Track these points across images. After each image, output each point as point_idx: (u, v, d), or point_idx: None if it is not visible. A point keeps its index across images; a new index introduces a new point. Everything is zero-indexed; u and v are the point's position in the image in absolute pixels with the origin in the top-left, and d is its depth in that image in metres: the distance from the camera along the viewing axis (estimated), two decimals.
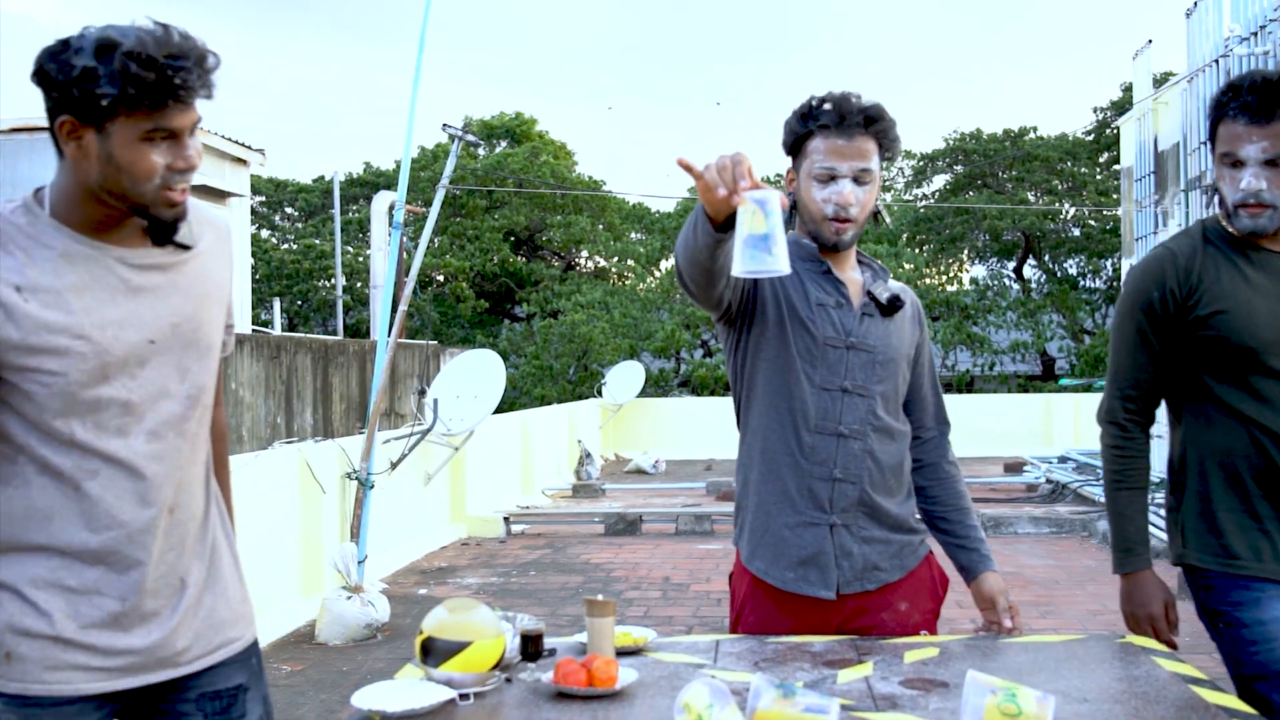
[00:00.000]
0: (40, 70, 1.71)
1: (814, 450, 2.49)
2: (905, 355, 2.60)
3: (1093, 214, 27.30)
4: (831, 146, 2.45)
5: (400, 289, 7.97)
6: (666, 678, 2.25)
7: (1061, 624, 6.59)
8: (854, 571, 2.51)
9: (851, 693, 2.13)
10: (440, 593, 7.85)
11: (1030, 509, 11.00)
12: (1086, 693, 2.11)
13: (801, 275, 2.52)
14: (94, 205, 1.78)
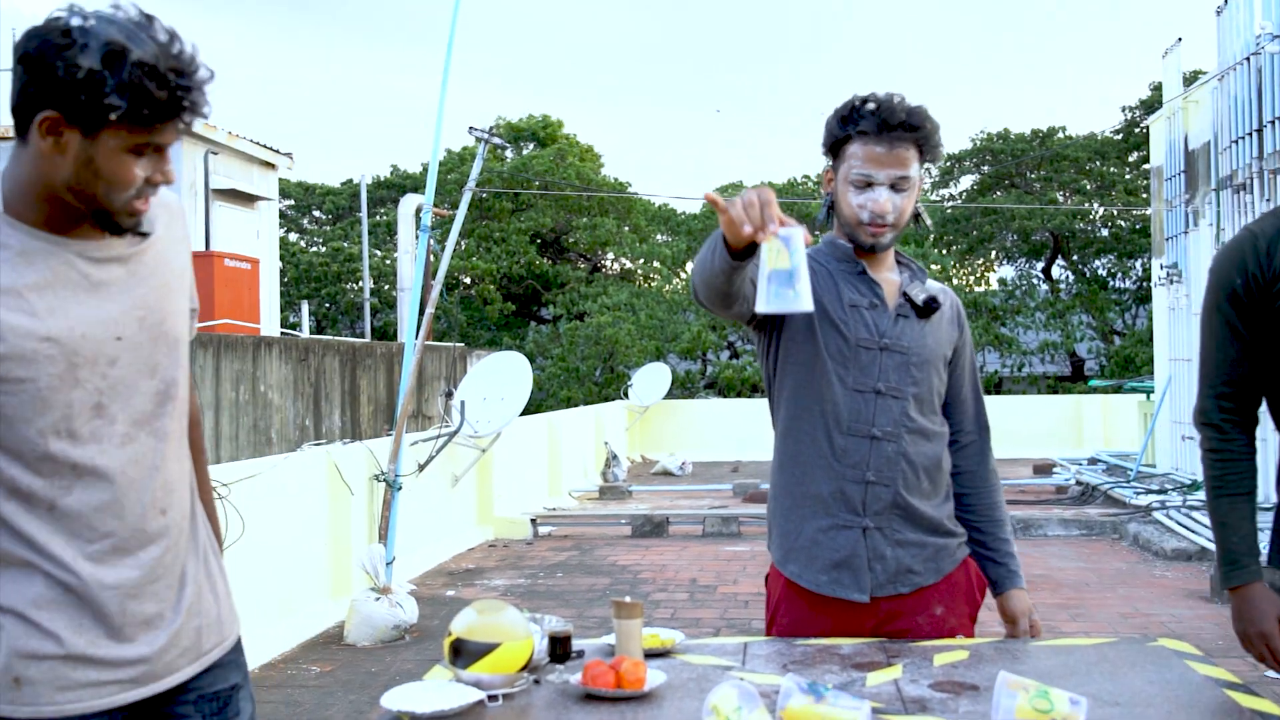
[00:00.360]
0: (35, 59, 1.57)
1: (846, 453, 2.48)
2: (942, 357, 2.58)
3: (1122, 214, 27.13)
4: (870, 154, 2.43)
5: (427, 291, 8.00)
6: (695, 680, 2.24)
7: (1092, 627, 6.54)
8: (887, 575, 2.50)
9: (881, 695, 2.12)
10: (468, 594, 7.87)
11: (1060, 511, 10.93)
12: (1118, 696, 2.10)
13: (836, 276, 2.52)
14: (52, 202, 1.66)
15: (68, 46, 1.55)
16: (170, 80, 1.59)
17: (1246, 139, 10.37)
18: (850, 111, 2.46)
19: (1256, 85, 10.12)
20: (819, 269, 2.52)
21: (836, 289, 2.51)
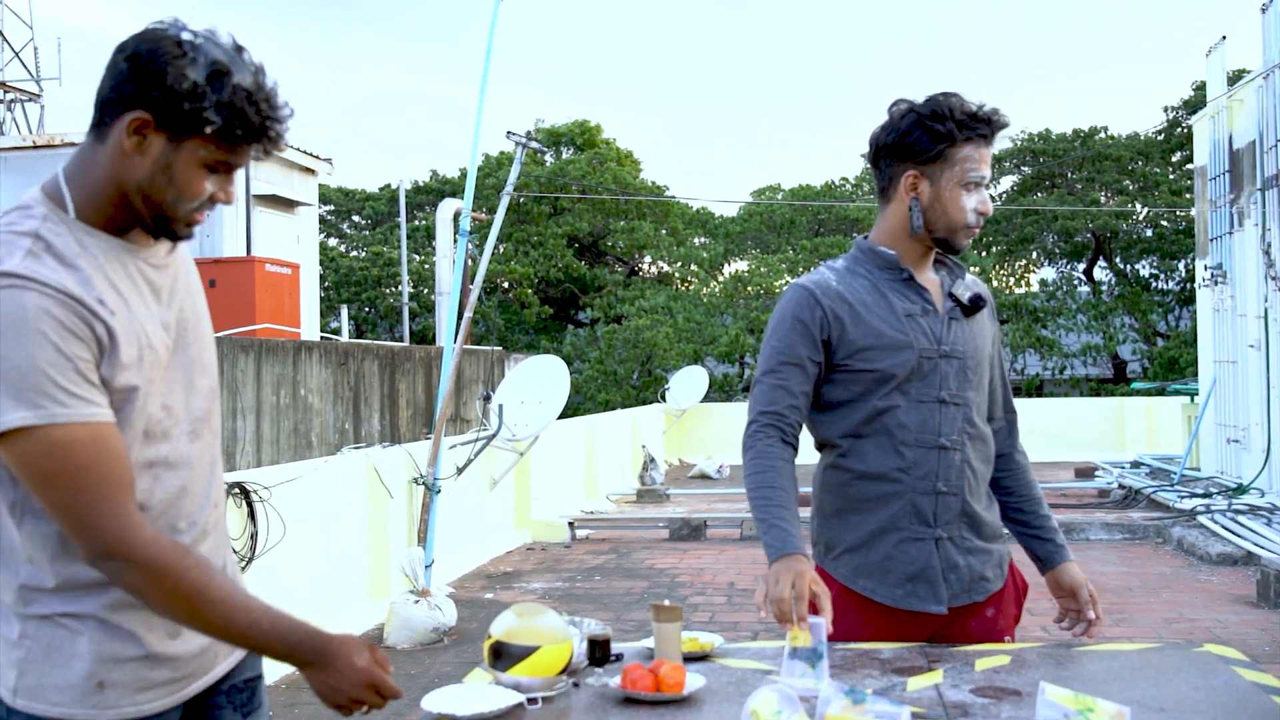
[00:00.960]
0: (144, 60, 1.61)
1: (916, 465, 2.45)
2: (990, 354, 2.58)
3: (1165, 214, 26.86)
4: (983, 156, 2.45)
5: (465, 295, 8.04)
6: (734, 684, 2.24)
7: (1136, 632, 6.48)
8: (961, 584, 2.49)
9: (922, 700, 2.11)
10: (506, 597, 7.90)
11: (1102, 515, 10.83)
12: (1163, 703, 2.08)
13: (882, 287, 2.50)
14: (118, 205, 1.69)
15: (179, 56, 1.60)
16: (261, 109, 1.66)
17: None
18: (963, 115, 2.42)
19: None
20: (863, 283, 2.50)
21: (887, 301, 2.48)
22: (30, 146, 16.87)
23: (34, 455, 1.55)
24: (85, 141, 1.70)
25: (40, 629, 1.67)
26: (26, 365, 1.52)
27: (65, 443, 1.54)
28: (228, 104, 1.62)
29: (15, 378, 1.52)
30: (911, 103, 2.46)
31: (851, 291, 2.48)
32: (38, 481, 1.56)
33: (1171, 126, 27.61)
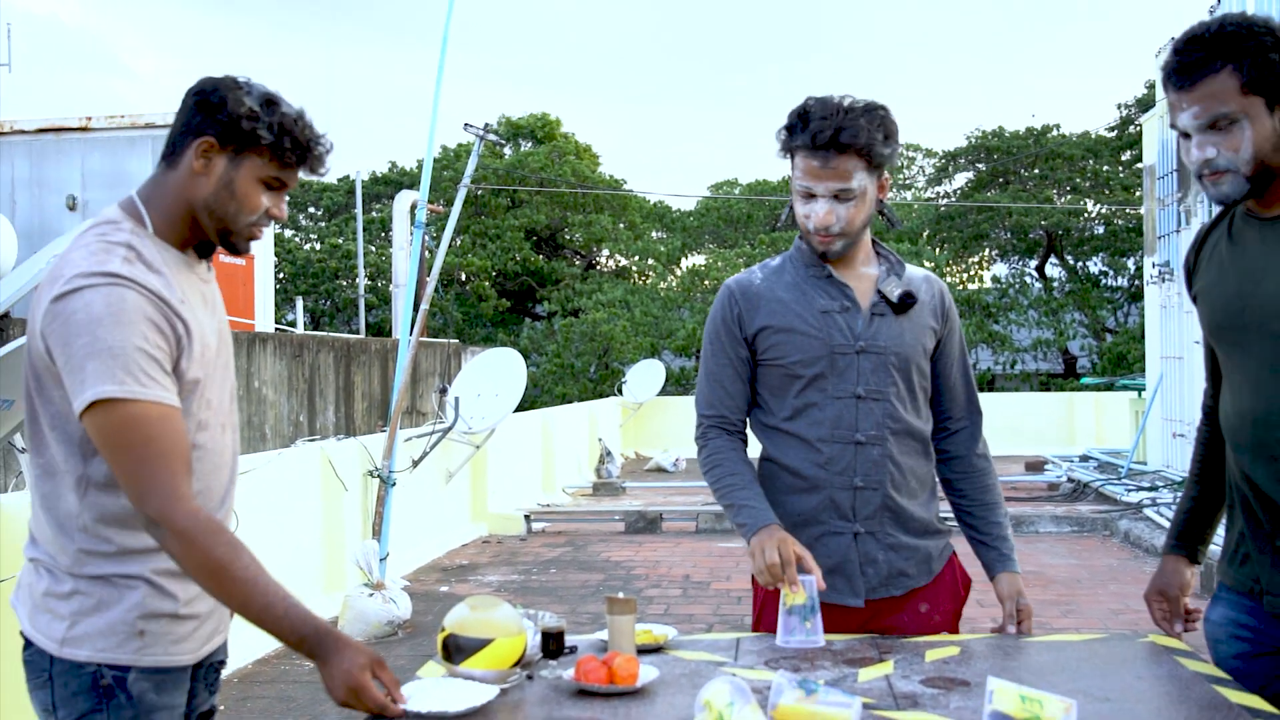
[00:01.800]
0: (210, 94, 1.93)
1: (833, 460, 2.48)
2: (922, 350, 2.55)
3: (1116, 212, 27.16)
4: (809, 168, 2.41)
5: (422, 288, 8.00)
6: (687, 675, 2.25)
7: (1083, 623, 6.56)
8: (880, 578, 2.51)
9: (872, 691, 2.12)
10: (461, 590, 7.88)
11: (1051, 508, 10.96)
12: (1109, 692, 2.10)
13: (805, 283, 2.53)
14: (187, 224, 1.98)
15: (237, 89, 1.94)
16: (306, 133, 1.98)
17: None
18: (790, 124, 2.43)
19: None
20: (788, 280, 2.55)
21: (807, 298, 2.51)
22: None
23: (112, 424, 1.78)
24: (158, 169, 1.99)
25: (92, 586, 1.90)
26: (119, 348, 1.78)
27: (138, 417, 1.79)
28: (278, 124, 1.93)
29: (108, 358, 1.78)
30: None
31: (772, 289, 2.54)
32: (110, 448, 1.80)
33: (1124, 124, 27.88)
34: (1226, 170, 2.03)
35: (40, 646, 1.91)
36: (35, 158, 16.25)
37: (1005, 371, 26.46)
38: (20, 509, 4.26)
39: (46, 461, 1.93)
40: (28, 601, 1.95)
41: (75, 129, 16.14)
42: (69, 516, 1.90)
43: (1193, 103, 2.02)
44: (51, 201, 16.14)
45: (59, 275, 1.85)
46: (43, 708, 1.92)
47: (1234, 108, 1.99)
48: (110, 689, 1.89)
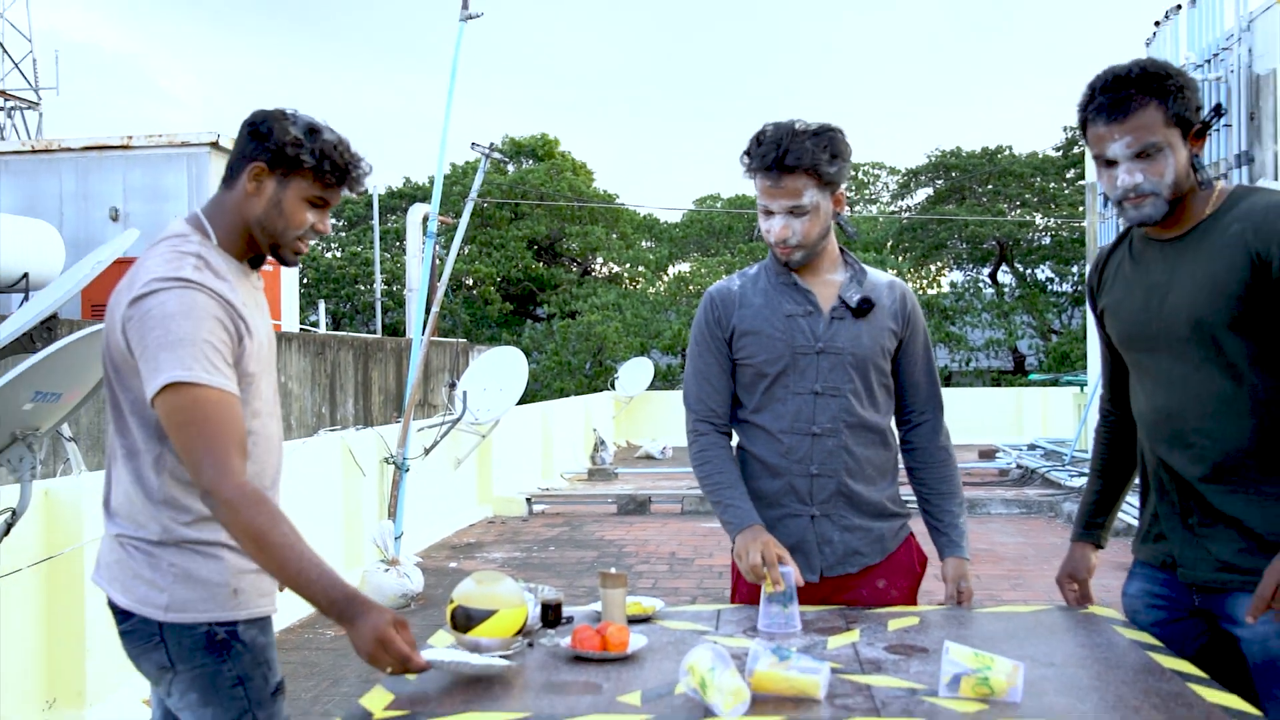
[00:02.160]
0: (259, 125, 2.01)
1: (792, 450, 2.50)
2: (880, 350, 2.54)
3: (1061, 224, 27.22)
4: (764, 187, 2.44)
5: (433, 292, 7.98)
6: (673, 643, 2.25)
7: (1030, 595, 6.58)
8: (835, 557, 2.52)
9: (840, 657, 2.13)
10: (469, 566, 7.86)
11: (1002, 492, 10.98)
12: (1053, 658, 2.11)
13: (774, 290, 2.55)
14: (244, 238, 2.06)
15: (283, 119, 2.02)
16: (345, 157, 2.05)
17: None
18: (748, 148, 2.46)
19: None
20: (761, 287, 2.57)
21: (774, 303, 2.53)
22: (29, 151, 16.50)
23: (178, 405, 1.84)
24: (219, 190, 2.07)
25: (181, 555, 1.97)
26: (190, 339, 1.86)
27: (200, 400, 1.84)
28: (320, 150, 2.01)
29: (178, 347, 1.85)
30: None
31: (746, 295, 2.56)
32: (174, 426, 1.85)
33: (1069, 145, 27.94)
34: (1151, 194, 2.09)
35: (144, 615, 1.96)
36: (81, 174, 16.20)
37: (961, 369, 26.51)
38: (69, 492, 4.25)
39: (129, 443, 1.98)
40: (120, 577, 1.98)
41: (117, 147, 16.08)
42: (152, 490, 1.97)
43: (1125, 133, 2.07)
44: (96, 213, 16.08)
45: (136, 280, 1.91)
46: (158, 667, 1.97)
47: (1160, 138, 2.06)
48: (225, 642, 1.98)
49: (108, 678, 4.32)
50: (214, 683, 1.97)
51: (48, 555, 4.15)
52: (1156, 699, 1.87)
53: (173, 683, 1.98)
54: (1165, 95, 2.05)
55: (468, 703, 1.91)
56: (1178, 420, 2.16)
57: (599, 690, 1.95)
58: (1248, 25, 8.92)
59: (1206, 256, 2.09)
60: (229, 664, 1.98)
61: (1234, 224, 2.07)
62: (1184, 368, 2.13)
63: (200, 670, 1.96)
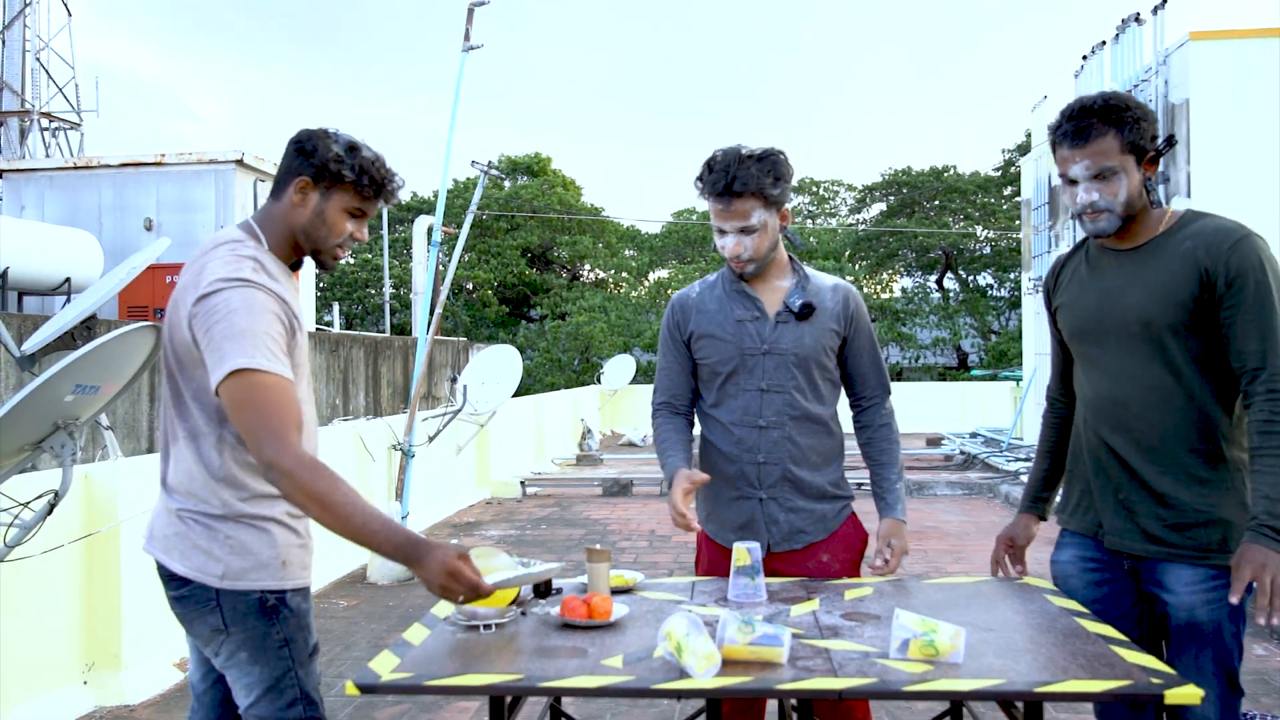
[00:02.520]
0: (305, 143, 2.04)
1: (742, 441, 2.53)
2: (824, 349, 2.55)
3: (1000, 236, 27.34)
4: (717, 210, 2.45)
5: (436, 295, 7.95)
6: (652, 611, 2.25)
7: (971, 568, 6.61)
8: (781, 534, 2.54)
9: (802, 624, 2.14)
10: (468, 543, 7.84)
11: (947, 475, 11.03)
12: (991, 623, 2.12)
13: (727, 297, 2.58)
14: (290, 244, 2.08)
15: (326, 138, 2.04)
16: (382, 171, 2.07)
17: None
18: (700, 175, 2.47)
19: None
20: (718, 294, 2.60)
21: (727, 309, 2.56)
22: (71, 168, 16.38)
23: (241, 389, 1.84)
24: (268, 202, 2.08)
25: (238, 529, 1.98)
26: (251, 331, 1.87)
27: (260, 384, 1.85)
28: (359, 165, 2.03)
29: (242, 338, 1.86)
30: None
31: (704, 301, 2.59)
32: (237, 408, 1.85)
33: (1007, 165, 28.05)
34: (1105, 210, 2.16)
35: (201, 582, 1.97)
36: (118, 188, 16.08)
37: (910, 365, 26.60)
38: (106, 476, 4.22)
39: (191, 426, 1.99)
40: (179, 547, 1.98)
41: (151, 164, 15.97)
42: (214, 469, 1.98)
43: (1084, 157, 2.14)
44: (132, 224, 15.97)
45: (200, 280, 1.93)
46: (212, 629, 1.98)
47: (1115, 163, 2.13)
48: (275, 608, 1.99)
49: (142, 644, 4.30)
50: (263, 644, 1.98)
51: (87, 533, 4.12)
52: (1083, 659, 1.88)
53: (224, 643, 1.98)
54: (1122, 125, 2.12)
55: (467, 665, 1.90)
56: (1121, 406, 2.21)
57: (585, 654, 1.95)
58: (1164, 60, 8.99)
59: (1160, 267, 2.15)
60: (277, 627, 1.99)
61: (1186, 241, 2.13)
62: (1131, 361, 2.19)
63: (251, 632, 1.97)
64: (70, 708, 3.97)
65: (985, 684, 1.75)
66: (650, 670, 1.85)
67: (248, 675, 1.99)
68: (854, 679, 1.78)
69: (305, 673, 2.03)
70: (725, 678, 1.80)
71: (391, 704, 4.07)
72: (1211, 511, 2.12)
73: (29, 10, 24.10)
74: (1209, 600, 2.09)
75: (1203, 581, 2.11)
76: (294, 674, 2.01)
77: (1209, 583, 2.10)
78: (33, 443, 3.12)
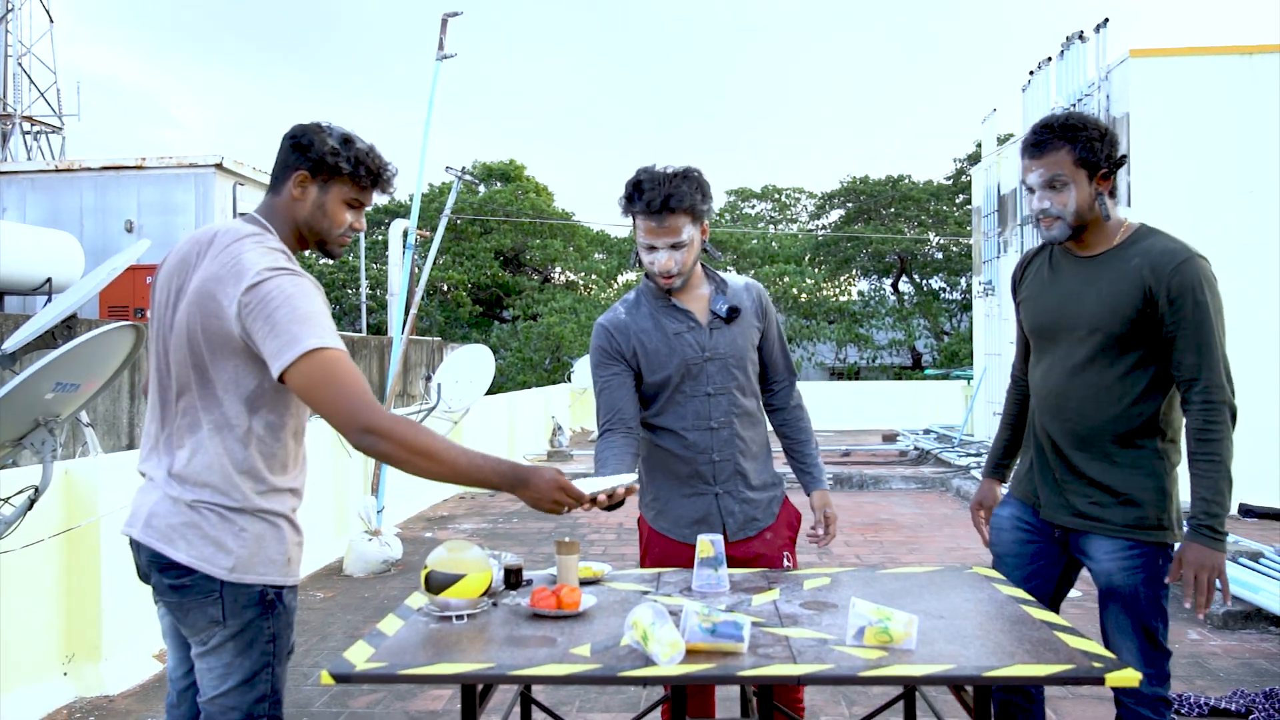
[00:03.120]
0: (300, 138, 2.02)
1: (695, 444, 2.57)
2: (750, 346, 2.62)
3: (951, 242, 27.60)
4: (648, 228, 2.47)
5: (412, 296, 7.90)
6: (619, 602, 2.25)
7: (924, 558, 6.66)
8: (737, 524, 2.60)
9: (762, 613, 2.14)
10: (442, 535, 7.80)
11: (901, 469, 11.12)
12: (943, 611, 2.14)
13: (655, 313, 2.59)
14: (295, 236, 2.05)
15: (320, 132, 2.03)
16: (377, 162, 2.06)
17: None
18: (629, 193, 2.48)
19: None
20: (645, 312, 2.60)
21: (659, 325, 2.57)
22: (53, 170, 16.12)
23: (319, 366, 1.83)
24: (266, 197, 2.06)
25: (253, 523, 1.96)
26: (313, 313, 1.86)
27: (334, 358, 1.84)
28: (355, 157, 2.02)
29: (307, 320, 1.85)
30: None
31: (635, 321, 2.59)
32: (315, 385, 1.84)
33: (958, 174, 28.30)
34: (1057, 218, 2.31)
35: (205, 573, 1.92)
36: (99, 190, 15.84)
37: (867, 364, 26.78)
38: (86, 472, 4.15)
39: (218, 417, 1.94)
40: (186, 536, 1.92)
41: (132, 167, 15.73)
42: (239, 461, 1.94)
43: (1040, 167, 2.30)
44: (113, 225, 15.73)
45: (242, 271, 1.87)
46: (209, 619, 1.93)
47: (1066, 174, 2.28)
48: (273, 602, 1.97)
49: (121, 635, 4.23)
50: (255, 637, 1.96)
51: (67, 528, 4.05)
52: (1029, 645, 1.90)
53: (216, 633, 1.94)
54: (1076, 141, 2.26)
55: (439, 655, 1.89)
56: (1061, 398, 2.37)
57: (554, 643, 1.95)
58: (1106, 75, 9.11)
59: (1111, 278, 2.29)
60: (269, 622, 1.97)
61: (1135, 257, 2.27)
62: (1075, 359, 2.35)
63: (245, 625, 1.94)
64: (50, 698, 3.90)
65: (937, 669, 1.77)
66: (617, 658, 1.84)
67: (227, 666, 1.94)
68: (812, 665, 1.79)
69: (280, 670, 2.01)
70: (688, 665, 1.80)
71: (366, 693, 4.04)
72: (1130, 494, 2.30)
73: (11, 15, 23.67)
74: (1124, 568, 2.29)
75: (1119, 552, 2.30)
76: (270, 669, 1.98)
77: (1125, 553, 2.29)
78: (13, 439, 3.06)
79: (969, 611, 2.14)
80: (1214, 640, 4.65)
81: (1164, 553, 2.29)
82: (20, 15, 23.97)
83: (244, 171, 16.25)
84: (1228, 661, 4.33)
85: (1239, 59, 8.59)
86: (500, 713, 2.73)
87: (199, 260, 1.95)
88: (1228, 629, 4.81)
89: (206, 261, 1.93)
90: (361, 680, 1.81)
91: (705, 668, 1.79)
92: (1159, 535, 2.28)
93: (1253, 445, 8.44)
